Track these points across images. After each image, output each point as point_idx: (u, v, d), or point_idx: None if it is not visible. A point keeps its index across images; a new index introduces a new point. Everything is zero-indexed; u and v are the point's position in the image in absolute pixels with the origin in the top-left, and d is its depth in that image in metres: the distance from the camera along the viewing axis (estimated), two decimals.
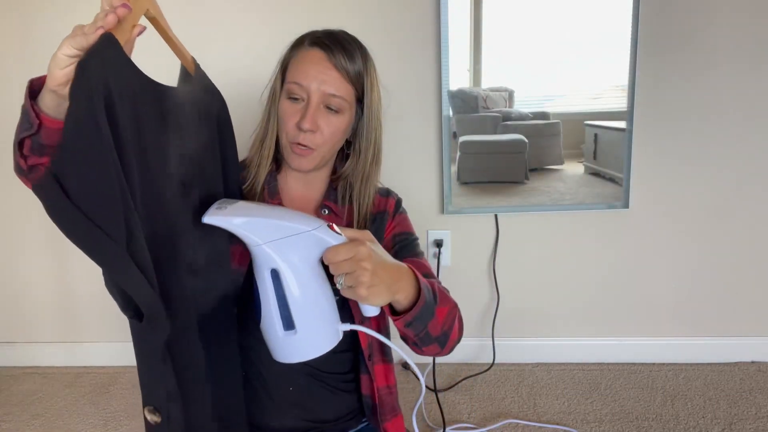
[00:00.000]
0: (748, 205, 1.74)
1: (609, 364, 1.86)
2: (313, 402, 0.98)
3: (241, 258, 0.93)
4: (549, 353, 1.89)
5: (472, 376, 1.81)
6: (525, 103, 1.68)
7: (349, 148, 1.01)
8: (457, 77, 1.66)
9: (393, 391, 1.04)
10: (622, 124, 1.67)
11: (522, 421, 1.58)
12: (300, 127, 0.90)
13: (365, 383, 1.00)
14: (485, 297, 1.87)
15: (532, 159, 1.71)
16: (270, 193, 0.98)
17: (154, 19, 0.71)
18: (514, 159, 1.72)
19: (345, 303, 0.93)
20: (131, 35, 0.65)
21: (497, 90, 1.68)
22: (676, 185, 1.74)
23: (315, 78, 0.89)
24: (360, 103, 0.95)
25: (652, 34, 1.63)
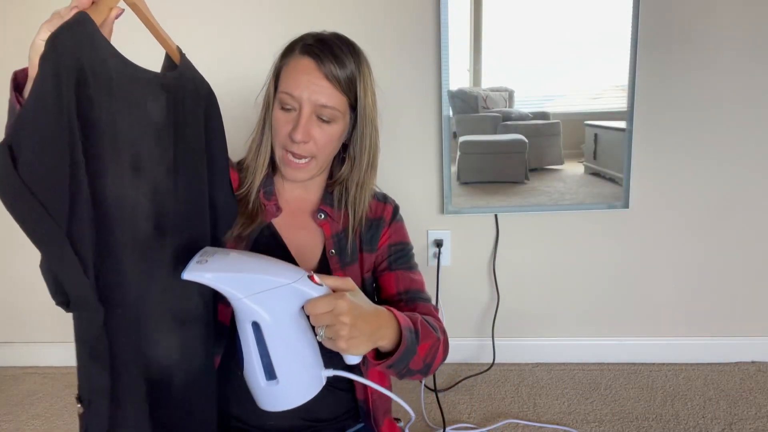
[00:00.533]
0: (748, 205, 1.74)
1: (609, 364, 1.86)
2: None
3: None
4: (549, 353, 1.89)
5: (472, 376, 1.81)
6: (525, 103, 1.68)
7: (345, 152, 1.00)
8: (457, 77, 1.66)
9: (386, 397, 1.03)
10: (622, 124, 1.67)
11: (522, 421, 1.58)
12: (292, 139, 0.90)
13: (359, 388, 1.00)
14: (485, 297, 1.87)
15: (532, 159, 1.71)
16: (266, 195, 0.98)
17: (134, 5, 0.69)
18: (514, 159, 1.72)
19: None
20: (108, 17, 0.64)
21: (497, 90, 1.68)
22: (676, 185, 1.74)
23: (306, 88, 0.89)
24: (354, 110, 0.95)
25: (652, 33, 1.63)
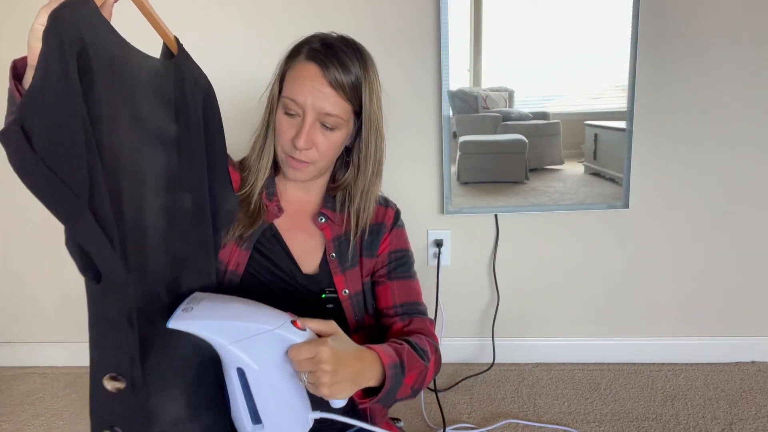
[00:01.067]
0: (748, 205, 1.74)
1: (609, 364, 1.86)
2: (311, 399, 0.98)
3: (239, 259, 0.93)
4: (549, 353, 1.89)
5: (472, 376, 1.81)
6: (525, 103, 1.68)
7: (349, 155, 1.00)
8: (457, 77, 1.66)
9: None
10: (622, 124, 1.67)
11: (522, 421, 1.58)
12: (295, 145, 0.90)
13: (357, 395, 1.00)
14: (485, 297, 1.87)
15: (532, 159, 1.71)
16: (268, 196, 0.98)
17: None
18: (514, 159, 1.72)
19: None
20: (108, 1, 0.64)
21: (497, 90, 1.68)
22: (676, 185, 1.74)
23: (310, 94, 0.88)
24: (359, 116, 0.94)
25: (652, 34, 1.63)
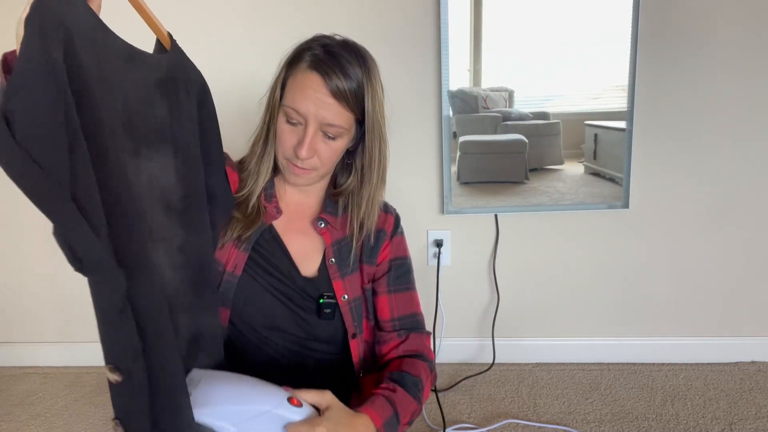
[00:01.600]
0: (748, 205, 1.74)
1: (609, 364, 1.86)
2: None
3: (238, 260, 0.93)
4: (549, 353, 1.89)
5: (472, 376, 1.81)
6: (525, 103, 1.68)
7: (350, 158, 0.99)
8: (457, 77, 1.66)
9: None
10: (622, 124, 1.67)
11: (522, 421, 1.58)
12: (297, 154, 0.89)
13: (354, 399, 1.00)
14: (485, 297, 1.87)
15: (532, 159, 1.71)
16: (267, 197, 0.98)
17: None
18: (514, 159, 1.72)
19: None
20: None
21: (497, 90, 1.68)
22: (676, 185, 1.74)
23: (312, 105, 0.87)
24: (361, 124, 0.93)
25: (652, 34, 1.63)
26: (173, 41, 0.80)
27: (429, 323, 1.77)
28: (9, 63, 0.63)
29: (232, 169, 0.97)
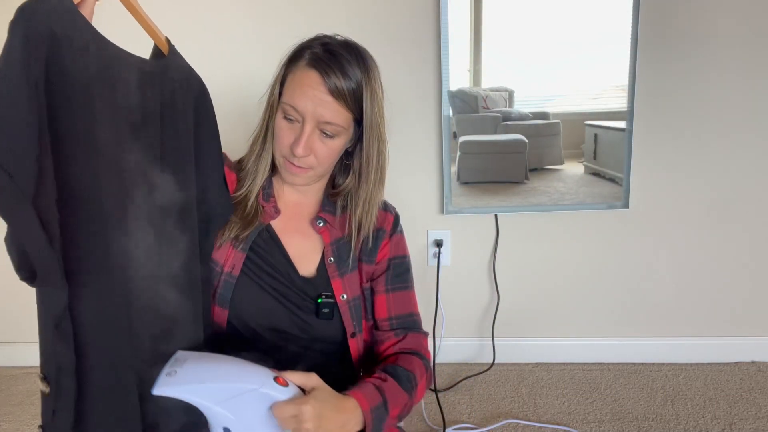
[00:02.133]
0: (748, 205, 1.74)
1: (609, 364, 1.86)
2: None
3: (235, 260, 0.93)
4: (549, 353, 1.89)
5: (472, 376, 1.81)
6: (525, 103, 1.68)
7: (349, 159, 0.99)
8: (457, 77, 1.66)
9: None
10: (622, 124, 1.67)
11: (522, 421, 1.58)
12: (293, 152, 0.89)
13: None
14: (485, 297, 1.87)
15: (532, 159, 1.71)
16: (265, 197, 0.97)
17: None
18: (514, 159, 1.72)
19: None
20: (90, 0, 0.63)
21: (497, 90, 1.68)
22: (676, 185, 1.74)
23: (310, 101, 0.87)
24: (359, 124, 0.92)
25: (652, 34, 1.63)
26: (171, 46, 0.79)
27: (429, 323, 1.77)
28: None
29: (230, 170, 0.97)
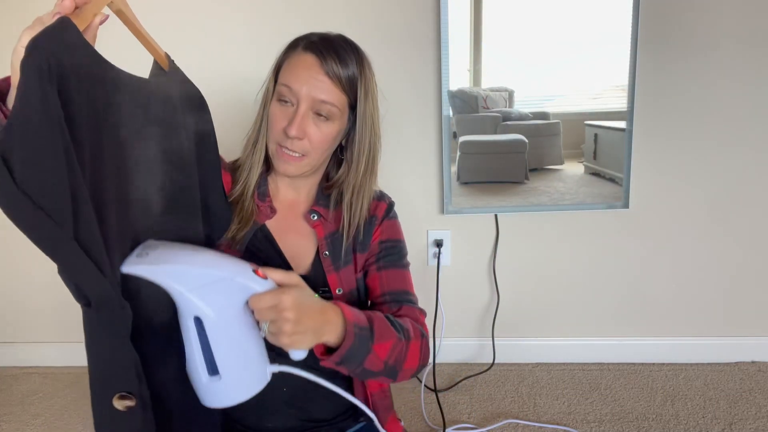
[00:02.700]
0: (748, 205, 1.74)
1: (609, 364, 1.86)
2: (309, 401, 0.98)
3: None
4: (549, 353, 1.89)
5: (472, 376, 1.81)
6: (525, 103, 1.68)
7: (343, 153, 0.99)
8: (457, 77, 1.66)
9: (387, 395, 1.03)
10: (622, 124, 1.67)
11: (522, 421, 1.58)
12: (287, 134, 0.89)
13: (358, 389, 0.99)
14: (485, 297, 1.87)
15: (532, 159, 1.71)
16: (260, 196, 0.97)
17: (120, 12, 0.68)
18: (514, 159, 1.72)
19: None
20: (92, 23, 0.63)
21: (497, 90, 1.68)
22: (676, 185, 1.74)
23: (306, 83, 0.88)
24: (353, 110, 0.93)
25: (652, 34, 1.63)
26: (171, 62, 0.80)
27: (429, 323, 1.77)
28: (2, 90, 0.63)
29: (225, 170, 0.97)
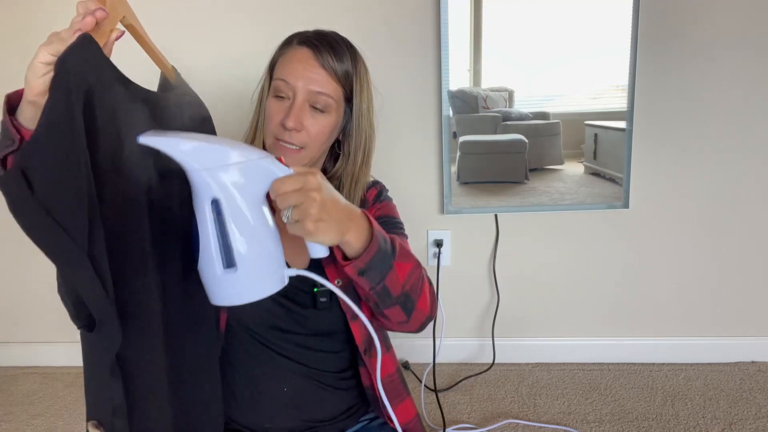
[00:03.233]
0: (748, 205, 1.74)
1: (609, 364, 1.86)
2: (309, 401, 0.98)
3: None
4: (549, 353, 1.89)
5: (472, 376, 1.81)
6: (525, 103, 1.68)
7: (340, 148, 1.00)
8: (457, 77, 1.66)
9: (394, 378, 1.03)
10: (622, 124, 1.67)
11: (522, 421, 1.58)
12: (284, 126, 0.88)
13: (364, 375, 0.99)
14: (485, 297, 1.87)
15: (532, 159, 1.71)
16: None
17: (130, 26, 0.70)
18: (514, 159, 1.72)
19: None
20: (109, 38, 0.64)
21: (497, 90, 1.68)
22: (676, 185, 1.74)
23: (301, 76, 0.88)
24: (349, 104, 0.95)
25: (652, 34, 1.63)
26: (178, 75, 0.81)
27: (429, 323, 1.77)
28: (12, 103, 0.64)
29: None
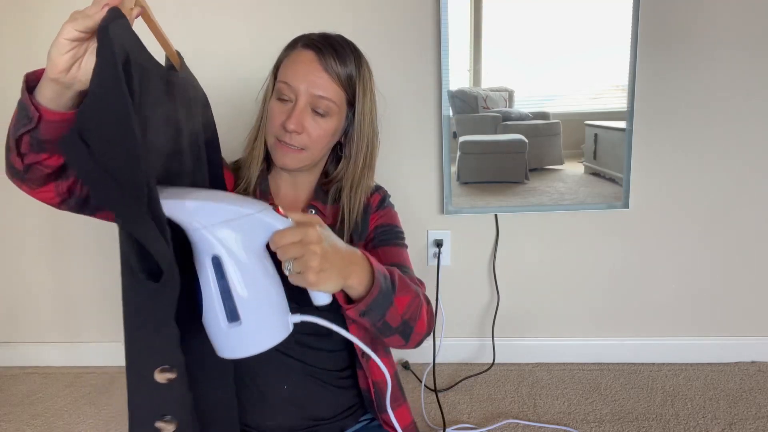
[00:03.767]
0: (748, 205, 1.74)
1: (609, 364, 1.86)
2: (310, 400, 0.98)
3: None
4: (549, 353, 1.89)
5: (472, 376, 1.81)
6: (525, 103, 1.68)
7: (342, 151, 1.00)
8: (457, 77, 1.66)
9: (392, 382, 1.03)
10: (622, 124, 1.67)
11: (522, 421, 1.58)
12: (285, 128, 0.89)
13: (362, 378, 0.99)
14: (485, 297, 1.87)
15: (532, 159, 1.71)
16: (261, 194, 0.98)
17: (143, 8, 0.70)
18: (514, 159, 1.72)
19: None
20: (131, 16, 0.64)
21: (497, 90, 1.68)
22: (676, 185, 1.74)
23: (304, 79, 0.89)
24: (352, 107, 0.95)
25: (652, 33, 1.63)
26: (182, 60, 0.81)
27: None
28: (31, 83, 0.64)
29: (227, 170, 0.98)
